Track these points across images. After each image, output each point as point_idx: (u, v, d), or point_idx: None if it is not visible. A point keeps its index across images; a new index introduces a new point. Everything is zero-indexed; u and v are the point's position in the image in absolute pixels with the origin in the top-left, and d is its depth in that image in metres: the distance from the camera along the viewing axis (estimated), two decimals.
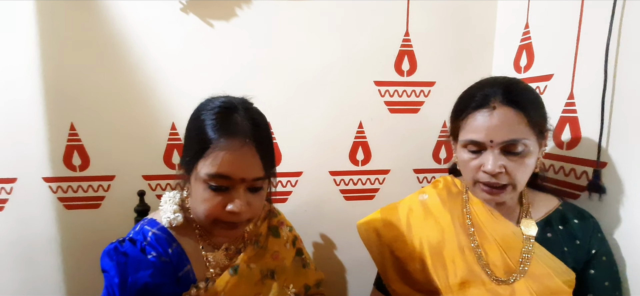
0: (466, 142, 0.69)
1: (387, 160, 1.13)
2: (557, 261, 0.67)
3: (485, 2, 1.10)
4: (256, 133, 0.60)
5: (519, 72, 1.03)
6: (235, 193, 0.59)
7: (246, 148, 0.58)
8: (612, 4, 0.72)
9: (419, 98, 1.11)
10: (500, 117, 0.64)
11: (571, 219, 0.71)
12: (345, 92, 1.07)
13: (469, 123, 0.68)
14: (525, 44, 1.00)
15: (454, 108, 0.76)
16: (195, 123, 0.62)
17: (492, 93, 0.66)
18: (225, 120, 0.59)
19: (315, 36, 1.04)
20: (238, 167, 0.58)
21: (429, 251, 0.74)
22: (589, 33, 0.80)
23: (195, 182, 0.60)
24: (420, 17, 1.07)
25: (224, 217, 0.60)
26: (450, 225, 0.75)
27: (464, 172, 0.73)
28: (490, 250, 0.70)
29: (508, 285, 0.66)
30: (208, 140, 0.58)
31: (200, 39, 1.00)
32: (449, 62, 1.10)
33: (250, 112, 0.63)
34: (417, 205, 0.81)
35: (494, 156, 0.65)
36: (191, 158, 0.60)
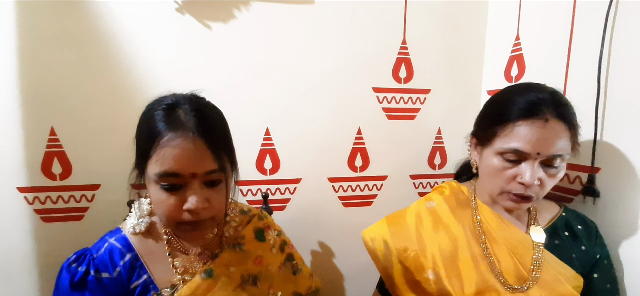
0: (506, 150, 0.66)
1: (385, 166, 1.13)
2: (567, 267, 0.69)
3: (476, 14, 1.14)
4: (203, 125, 0.57)
5: (509, 81, 1.07)
6: (190, 191, 0.57)
7: (190, 142, 0.55)
8: (605, 16, 0.76)
9: (415, 105, 1.13)
10: (551, 130, 0.63)
11: (575, 226, 0.74)
12: (345, 98, 1.07)
13: (516, 132, 0.65)
14: (516, 54, 1.04)
15: (490, 113, 0.74)
16: (140, 125, 0.60)
17: (543, 102, 0.64)
18: (168, 117, 0.57)
19: (315, 42, 1.03)
20: (185, 161, 0.55)
21: (442, 262, 0.72)
22: (581, 44, 0.84)
23: (149, 185, 0.59)
24: (417, 26, 1.09)
25: (183, 217, 0.58)
26: (461, 234, 0.74)
27: (490, 179, 0.71)
28: (502, 258, 0.70)
29: (522, 293, 0.67)
30: (152, 140, 0.56)
31: (196, 41, 0.95)
32: (443, 70, 1.13)
33: (196, 105, 0.60)
34: (426, 213, 0.81)
35: (533, 168, 0.64)
36: (141, 160, 0.58)
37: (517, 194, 0.67)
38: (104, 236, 0.66)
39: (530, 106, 0.65)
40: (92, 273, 0.61)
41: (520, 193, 0.67)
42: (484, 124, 0.75)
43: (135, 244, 0.64)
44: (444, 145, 1.17)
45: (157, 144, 0.55)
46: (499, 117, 0.69)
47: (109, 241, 0.64)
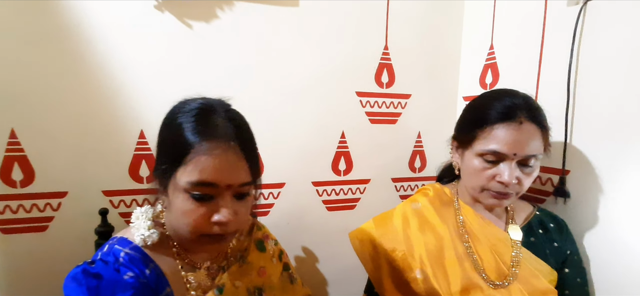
0: (485, 152, 0.70)
1: (368, 169, 1.14)
2: (543, 263, 0.73)
3: (453, 24, 1.19)
4: (240, 134, 0.56)
5: (484, 88, 1.12)
6: (221, 202, 0.54)
7: (231, 151, 0.53)
8: (573, 28, 0.82)
9: (397, 110, 1.15)
10: (525, 132, 0.68)
11: (548, 224, 0.79)
12: (329, 102, 1.07)
13: (493, 134, 0.69)
14: (491, 62, 1.10)
15: (469, 118, 0.78)
16: (170, 128, 0.56)
17: (517, 107, 0.69)
18: (205, 122, 0.54)
19: (300, 44, 1.02)
20: (223, 172, 0.53)
21: (429, 261, 0.74)
22: (551, 53, 0.90)
23: (174, 193, 0.54)
24: (398, 33, 1.11)
25: (210, 229, 0.54)
26: (447, 233, 0.77)
27: (472, 178, 0.74)
28: (484, 256, 0.73)
29: (504, 289, 0.70)
30: (187, 145, 0.52)
31: (176, 40, 0.91)
32: (422, 76, 1.17)
33: (231, 113, 0.58)
34: (412, 213, 0.82)
35: (510, 168, 0.68)
36: (168, 166, 0.54)
37: (497, 192, 0.71)
38: (110, 246, 0.58)
39: (505, 110, 0.69)
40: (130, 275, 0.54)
41: (500, 191, 0.71)
42: (464, 128, 0.79)
43: (151, 255, 0.59)
44: (423, 148, 1.20)
45: (193, 151, 0.52)
46: (477, 121, 0.73)
47: (123, 250, 0.57)
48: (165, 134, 0.58)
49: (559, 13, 0.89)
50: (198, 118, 0.54)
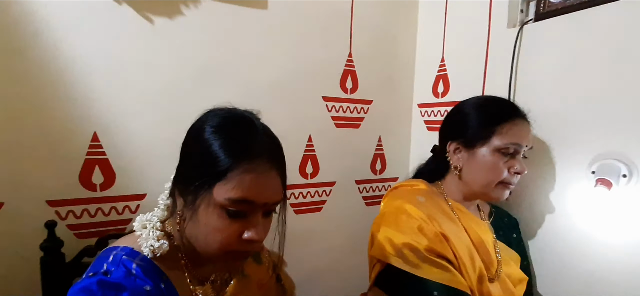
0: (507, 145, 0.75)
1: (333, 172, 1.17)
2: (513, 252, 0.83)
3: (408, 37, 1.28)
4: (279, 153, 0.56)
5: (437, 97, 1.24)
6: (253, 219, 0.53)
7: (273, 170, 0.53)
8: (513, 48, 0.96)
9: (360, 114, 1.21)
10: (529, 128, 0.79)
11: (504, 218, 0.89)
12: (297, 106, 1.08)
13: (515, 129, 0.76)
14: (442, 74, 1.21)
15: (483, 118, 0.80)
16: (204, 142, 0.53)
17: (518, 107, 0.79)
18: (250, 139, 0.53)
19: (268, 47, 1.02)
20: (264, 190, 0.52)
21: (458, 252, 0.73)
22: (494, 68, 1.03)
23: (206, 209, 0.52)
24: (361, 41, 1.17)
25: (239, 246, 0.53)
26: (457, 224, 0.79)
27: (487, 174, 0.77)
28: (481, 247, 0.78)
29: (496, 279, 0.76)
30: (229, 161, 0.50)
31: (135, 35, 0.85)
32: (382, 83, 1.24)
33: (268, 129, 0.58)
34: (424, 206, 0.78)
35: (521, 159, 0.78)
36: (203, 181, 0.51)
37: (510, 183, 0.78)
38: (114, 256, 0.53)
39: (515, 109, 0.79)
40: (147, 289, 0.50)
41: (512, 182, 0.78)
42: (478, 128, 0.80)
43: (162, 269, 0.55)
44: (384, 152, 1.28)
45: (238, 168, 0.50)
46: (495, 118, 0.78)
47: (134, 261, 0.52)
48: (196, 148, 0.54)
49: (500, 34, 1.02)
50: (241, 133, 0.53)
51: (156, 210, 0.61)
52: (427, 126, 1.27)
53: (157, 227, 0.57)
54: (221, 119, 0.54)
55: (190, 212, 0.53)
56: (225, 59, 0.96)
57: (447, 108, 1.19)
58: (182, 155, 0.58)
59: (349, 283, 1.21)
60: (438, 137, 0.91)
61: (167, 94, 0.90)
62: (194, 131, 0.56)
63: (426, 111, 1.27)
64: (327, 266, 1.19)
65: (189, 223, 0.55)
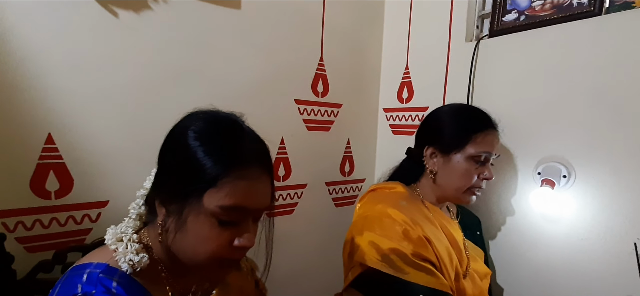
0: (479, 153, 0.80)
1: (305, 174, 1.18)
2: (478, 249, 0.90)
3: (374, 44, 1.34)
4: (268, 158, 0.55)
5: (401, 102, 1.31)
6: (245, 226, 0.51)
7: (264, 176, 0.52)
8: (471, 59, 1.05)
9: (330, 118, 1.23)
10: (498, 136, 0.84)
11: (469, 218, 0.97)
12: (269, 108, 1.07)
13: (487, 139, 0.81)
14: (406, 81, 1.29)
15: (461, 125, 0.84)
16: (189, 148, 0.50)
17: (490, 118, 0.84)
18: (238, 144, 0.51)
19: (241, 48, 1.00)
20: (257, 196, 0.51)
21: (439, 253, 0.77)
22: (454, 78, 1.12)
23: (195, 218, 0.49)
24: (332, 46, 1.20)
25: (230, 254, 0.51)
26: (435, 226, 0.82)
27: (459, 179, 0.82)
28: (454, 246, 0.82)
29: (468, 274, 0.82)
30: (220, 168, 0.48)
31: (97, 29, 0.79)
32: (351, 88, 1.28)
33: (255, 133, 0.56)
34: (405, 209, 0.80)
35: (490, 166, 0.83)
36: (191, 190, 0.49)
37: (479, 188, 0.83)
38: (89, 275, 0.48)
39: (485, 120, 0.84)
40: None
41: (481, 187, 0.83)
42: (455, 135, 0.83)
43: (143, 285, 0.51)
44: (352, 154, 1.32)
45: (230, 175, 0.48)
46: (471, 128, 0.82)
47: (113, 279, 0.48)
48: (182, 154, 0.50)
49: (459, 46, 1.11)
50: (230, 138, 0.50)
51: (128, 220, 0.57)
52: (392, 130, 1.34)
53: (135, 239, 0.53)
54: (206, 123, 0.52)
55: (176, 222, 0.50)
56: (196, 58, 0.93)
57: (411, 114, 1.27)
58: (163, 162, 0.54)
59: (322, 284, 1.23)
60: (414, 141, 0.94)
61: (133, 93, 0.85)
62: (176, 136, 0.53)
63: (391, 115, 1.34)
64: (300, 268, 1.19)
65: (174, 234, 0.51)
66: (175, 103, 0.90)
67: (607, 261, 0.79)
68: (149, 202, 0.56)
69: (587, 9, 0.86)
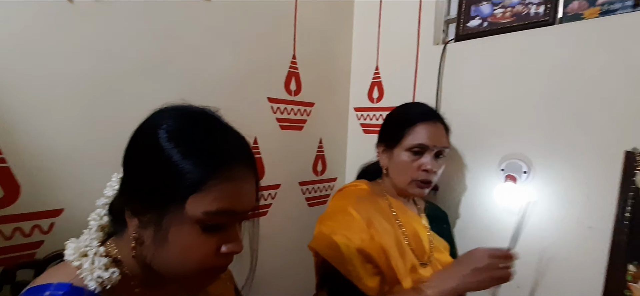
0: (413, 145, 0.85)
1: (278, 174, 1.16)
2: (442, 240, 0.94)
3: (344, 44, 1.35)
4: (251, 154, 0.51)
5: (372, 102, 1.33)
6: (232, 231, 0.48)
7: (250, 175, 0.49)
8: (439, 61, 1.10)
9: (303, 117, 1.22)
10: (438, 129, 0.87)
11: (436, 212, 1.01)
12: (242, 106, 1.03)
13: (418, 131, 0.85)
14: (376, 81, 1.31)
15: (398, 121, 0.91)
16: (162, 150, 0.44)
17: (431, 111, 0.89)
18: (220, 143, 0.47)
19: (213, 43, 0.95)
20: (244, 198, 0.48)
21: (389, 246, 0.81)
22: (423, 79, 1.16)
23: (177, 227, 0.45)
24: (304, 44, 1.18)
25: (217, 262, 0.47)
26: (390, 221, 0.86)
27: (402, 172, 0.87)
28: (413, 239, 0.87)
29: (429, 265, 0.86)
30: (203, 171, 0.44)
31: (46, 14, 0.70)
32: (323, 87, 1.28)
33: (235, 130, 0.52)
34: (362, 206, 0.86)
35: (431, 158, 0.85)
36: (170, 197, 0.44)
37: (422, 180, 0.86)
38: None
39: (425, 113, 0.89)
40: None
41: (424, 179, 0.86)
42: (393, 131, 0.91)
43: None
44: (324, 153, 1.31)
45: (215, 177, 0.44)
46: (405, 122, 0.88)
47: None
48: (155, 157, 0.45)
49: (427, 49, 1.16)
50: (210, 137, 0.46)
51: (89, 231, 0.51)
52: (363, 129, 1.36)
53: (102, 253, 0.47)
54: (179, 121, 0.47)
55: (155, 234, 0.45)
56: (163, 50, 0.86)
57: (382, 113, 1.29)
58: (131, 167, 0.48)
59: (298, 284, 1.21)
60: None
61: (91, 87, 0.77)
62: (144, 138, 0.47)
63: (362, 115, 1.36)
64: (276, 270, 1.17)
65: (154, 248, 0.46)
66: (139, 99, 0.83)
67: (564, 248, 0.87)
68: (115, 212, 0.50)
69: (543, 19, 0.94)
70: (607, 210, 0.80)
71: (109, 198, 0.53)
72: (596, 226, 0.82)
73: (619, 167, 0.78)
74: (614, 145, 0.79)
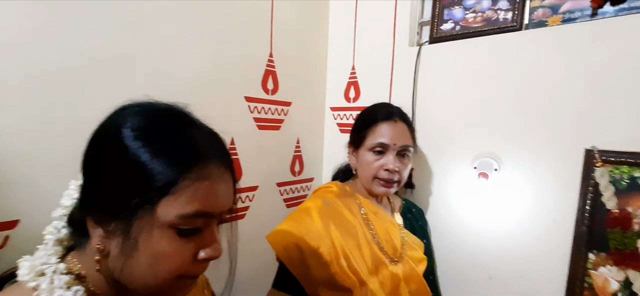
0: (374, 145, 0.88)
1: (256, 176, 1.12)
2: (416, 238, 0.96)
3: (320, 44, 1.35)
4: (226, 150, 0.48)
5: (348, 101, 1.34)
6: (209, 234, 0.45)
7: (226, 174, 0.46)
8: (415, 62, 1.13)
9: (281, 116, 1.20)
10: (400, 128, 0.89)
11: (412, 209, 1.04)
12: (219, 105, 0.99)
13: (378, 131, 0.88)
14: (353, 81, 1.32)
15: (361, 122, 0.95)
16: (127, 150, 0.40)
17: (392, 111, 0.91)
18: (192, 139, 0.43)
19: (188, 38, 0.90)
20: (222, 197, 0.45)
21: (349, 248, 0.83)
22: (399, 79, 1.19)
23: (148, 234, 0.41)
24: (281, 42, 1.16)
25: (193, 269, 0.44)
26: (356, 222, 0.88)
27: (366, 171, 0.90)
28: (383, 238, 0.89)
29: (400, 262, 0.88)
30: (175, 171, 0.41)
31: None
32: (300, 86, 1.26)
33: (207, 125, 0.48)
34: (326, 210, 0.87)
35: (393, 157, 0.87)
36: (139, 203, 0.40)
37: (385, 179, 0.89)
38: None
39: (385, 113, 0.91)
40: None
41: (387, 178, 0.88)
42: (357, 132, 0.94)
43: None
44: (302, 153, 1.30)
45: (188, 177, 0.41)
46: (367, 122, 0.92)
47: None
48: (119, 159, 0.41)
49: (403, 51, 1.18)
50: (180, 134, 0.42)
51: (46, 247, 0.45)
52: (340, 128, 1.36)
53: (62, 270, 0.42)
54: (145, 117, 0.43)
55: (123, 244, 0.41)
56: (131, 43, 0.80)
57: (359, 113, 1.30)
58: (92, 172, 0.44)
59: None
60: None
61: (48, 85, 0.69)
62: (107, 137, 0.43)
63: (339, 114, 1.36)
64: (252, 274, 1.13)
65: (123, 259, 0.42)
66: (103, 96, 0.76)
67: (532, 239, 0.93)
68: (75, 223, 0.46)
69: (511, 25, 1.00)
70: (570, 204, 0.86)
71: (67, 208, 0.48)
72: (560, 218, 0.88)
73: (580, 163, 0.85)
74: (575, 144, 0.85)
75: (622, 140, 0.79)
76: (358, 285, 0.81)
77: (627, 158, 0.77)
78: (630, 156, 0.77)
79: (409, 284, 0.87)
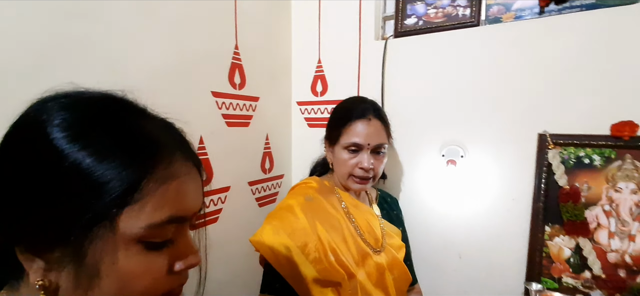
0: (349, 144, 0.88)
1: (227, 176, 1.06)
2: (393, 227, 0.99)
3: (284, 37, 1.31)
4: (187, 141, 0.43)
5: (316, 95, 1.33)
6: (182, 242, 0.39)
7: (194, 170, 0.41)
8: (381, 56, 1.16)
9: (249, 112, 1.14)
10: (374, 126, 0.89)
11: (387, 199, 1.06)
12: (185, 101, 0.91)
13: (352, 130, 0.88)
14: (320, 74, 1.31)
15: (335, 119, 0.95)
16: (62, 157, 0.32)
17: (367, 109, 0.90)
18: (147, 132, 0.37)
19: (149, 29, 0.81)
20: (193, 197, 0.39)
21: (335, 242, 0.82)
22: (367, 73, 1.21)
23: (111, 255, 0.34)
24: (246, 33, 1.10)
25: (169, 284, 0.38)
26: (339, 216, 0.87)
27: (341, 168, 0.91)
28: (365, 230, 0.90)
29: (382, 252, 0.90)
30: (134, 173, 0.34)
31: None
32: (267, 81, 1.22)
33: (159, 116, 0.42)
34: (309, 206, 0.86)
35: (367, 156, 0.88)
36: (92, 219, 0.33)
37: (360, 177, 0.90)
38: None
39: (359, 111, 0.91)
40: None
41: (362, 176, 0.90)
42: (333, 128, 0.94)
43: None
44: (271, 150, 1.25)
45: (149, 178, 0.35)
46: (341, 120, 0.92)
47: None
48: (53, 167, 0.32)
49: (370, 45, 1.20)
50: (132, 126, 0.36)
51: None
52: (308, 123, 1.35)
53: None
54: (77, 111, 0.35)
55: (75, 272, 0.34)
56: (80, 29, 0.69)
57: (327, 107, 1.30)
58: (12, 190, 0.34)
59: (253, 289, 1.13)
60: None
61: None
62: (29, 143, 0.34)
63: (306, 109, 1.34)
64: (227, 278, 1.07)
65: (77, 290, 0.34)
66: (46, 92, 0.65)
67: (495, 217, 1.02)
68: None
69: (469, 20, 1.07)
70: (527, 183, 0.96)
71: None
72: (519, 197, 0.98)
73: (534, 146, 0.94)
74: (530, 129, 0.95)
75: (570, 124, 0.89)
76: (347, 278, 0.81)
77: (574, 141, 0.88)
78: (577, 138, 0.88)
79: (392, 271, 0.90)
